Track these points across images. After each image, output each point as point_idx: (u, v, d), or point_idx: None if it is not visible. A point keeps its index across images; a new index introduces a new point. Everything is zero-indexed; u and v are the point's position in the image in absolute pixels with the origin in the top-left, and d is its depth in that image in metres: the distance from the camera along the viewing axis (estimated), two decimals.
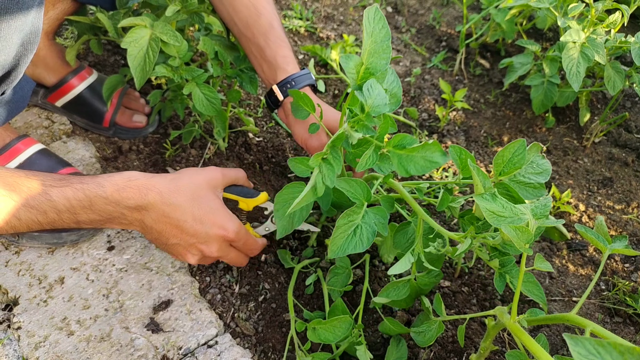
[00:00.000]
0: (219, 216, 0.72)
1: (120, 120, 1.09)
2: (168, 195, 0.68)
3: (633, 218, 1.07)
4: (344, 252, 0.63)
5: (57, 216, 0.63)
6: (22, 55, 0.71)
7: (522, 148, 0.61)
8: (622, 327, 0.89)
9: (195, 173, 0.74)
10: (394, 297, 0.70)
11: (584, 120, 1.25)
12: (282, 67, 0.86)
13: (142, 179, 0.68)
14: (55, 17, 0.98)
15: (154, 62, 0.85)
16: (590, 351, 0.32)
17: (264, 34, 0.87)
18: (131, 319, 0.80)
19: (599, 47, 1.04)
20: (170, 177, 0.71)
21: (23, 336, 0.77)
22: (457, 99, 1.19)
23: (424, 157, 0.63)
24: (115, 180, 0.66)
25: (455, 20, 1.63)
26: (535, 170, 0.64)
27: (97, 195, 0.64)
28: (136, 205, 0.66)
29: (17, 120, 1.10)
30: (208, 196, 0.72)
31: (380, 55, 0.64)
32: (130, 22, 0.83)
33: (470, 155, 0.63)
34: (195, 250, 0.73)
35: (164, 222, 0.69)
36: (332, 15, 1.62)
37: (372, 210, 0.65)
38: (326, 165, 0.64)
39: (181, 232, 0.70)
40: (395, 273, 0.62)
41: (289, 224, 0.70)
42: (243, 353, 0.77)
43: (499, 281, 0.60)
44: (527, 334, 0.52)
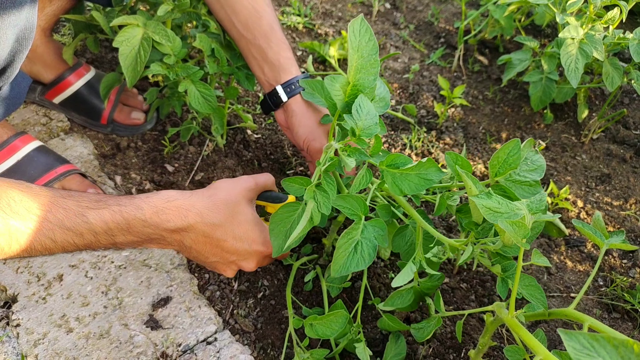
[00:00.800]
0: (257, 232, 0.72)
1: (118, 117, 1.09)
2: (208, 215, 0.67)
3: (631, 214, 1.08)
4: (346, 270, 0.62)
5: (94, 238, 0.62)
6: (17, 51, 0.70)
7: (517, 148, 0.61)
8: (620, 323, 0.89)
9: (232, 187, 0.72)
10: (399, 305, 0.70)
11: (582, 116, 1.25)
12: (285, 69, 0.87)
13: (181, 199, 0.66)
14: (52, 13, 0.97)
15: (145, 62, 0.84)
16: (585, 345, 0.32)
17: (265, 36, 0.87)
18: (130, 315, 0.80)
19: (598, 43, 1.04)
20: (207, 194, 0.69)
21: (22, 333, 0.77)
22: (455, 95, 1.19)
23: (419, 175, 0.62)
24: (153, 202, 0.64)
25: (454, 16, 1.63)
26: (530, 167, 0.63)
27: (135, 218, 0.62)
28: (176, 228, 0.65)
29: (15, 118, 1.09)
30: (246, 211, 0.72)
31: (369, 71, 0.61)
32: (122, 21, 0.83)
33: (466, 161, 0.63)
34: (234, 266, 0.74)
35: (203, 243, 0.68)
36: (330, 11, 1.61)
37: (370, 223, 0.65)
38: (320, 193, 0.63)
39: (221, 250, 0.70)
40: (398, 285, 0.62)
41: (284, 242, 0.69)
42: (242, 349, 0.77)
43: (501, 287, 0.60)
44: (525, 329, 0.52)
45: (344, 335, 0.74)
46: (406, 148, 1.18)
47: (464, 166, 0.62)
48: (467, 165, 0.63)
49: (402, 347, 0.77)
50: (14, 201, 0.56)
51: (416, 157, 1.16)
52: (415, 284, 0.71)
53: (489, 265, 0.61)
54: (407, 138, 1.20)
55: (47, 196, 0.59)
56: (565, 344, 0.32)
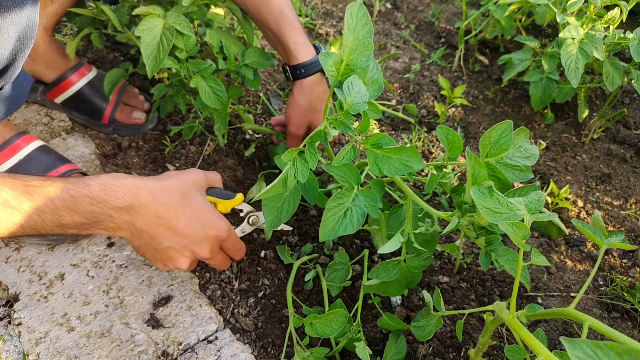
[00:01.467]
0: (210, 216, 0.71)
1: (120, 116, 1.09)
2: (160, 195, 0.66)
3: (631, 214, 1.08)
4: (334, 234, 0.63)
5: (40, 218, 0.60)
6: (19, 50, 0.70)
7: (509, 130, 0.61)
8: (619, 322, 0.89)
9: (181, 174, 0.73)
10: (384, 277, 0.70)
11: (582, 116, 1.25)
12: (293, 55, 0.91)
13: (131, 179, 0.66)
14: (54, 12, 0.98)
15: (167, 51, 0.83)
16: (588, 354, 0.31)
17: (276, 20, 0.91)
18: (131, 314, 0.80)
19: (598, 43, 1.04)
20: (158, 178, 0.70)
21: (24, 332, 0.77)
22: (456, 95, 1.20)
23: (400, 160, 0.63)
24: (102, 180, 0.63)
25: (455, 16, 1.63)
26: (523, 155, 0.64)
27: (82, 194, 0.60)
28: (126, 205, 0.63)
29: (17, 117, 1.10)
30: (197, 196, 0.71)
31: (362, 52, 0.63)
32: (144, 10, 0.83)
33: (457, 136, 0.64)
34: (188, 252, 0.71)
35: (156, 224, 0.66)
36: (331, 11, 1.61)
37: (362, 192, 0.66)
38: (301, 160, 0.64)
39: (174, 233, 0.68)
40: (385, 252, 0.63)
41: (276, 217, 0.71)
42: (243, 348, 0.78)
43: (484, 259, 0.61)
44: (526, 329, 0.52)
45: (344, 334, 0.74)
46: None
47: (455, 141, 0.63)
48: (457, 140, 0.64)
49: (402, 346, 0.77)
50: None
51: None
52: (402, 260, 0.71)
53: (474, 238, 0.61)
54: (408, 138, 1.20)
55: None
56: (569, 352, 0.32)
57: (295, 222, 0.98)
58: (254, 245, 0.93)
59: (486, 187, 0.52)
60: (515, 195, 0.61)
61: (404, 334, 0.80)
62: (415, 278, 0.74)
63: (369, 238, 0.97)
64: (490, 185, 0.53)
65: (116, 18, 0.91)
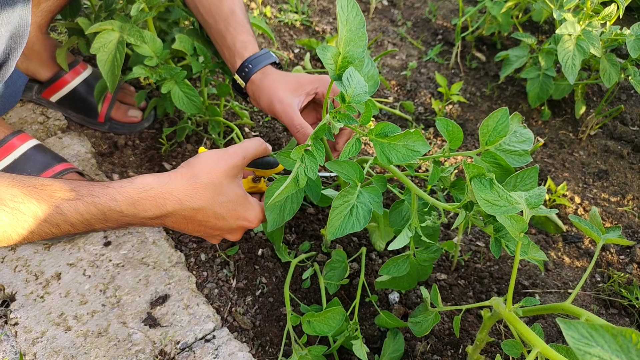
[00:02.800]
0: (241, 209, 0.70)
1: (116, 115, 1.08)
2: (188, 201, 0.65)
3: (628, 210, 1.08)
4: (342, 232, 0.63)
5: (72, 228, 0.61)
6: (11, 49, 0.70)
7: (506, 116, 0.62)
8: (617, 319, 0.89)
9: (215, 165, 0.68)
10: (394, 273, 0.70)
11: (579, 113, 1.25)
12: (240, 53, 0.86)
13: (157, 188, 0.64)
14: (48, 9, 0.97)
15: (121, 65, 0.85)
16: (584, 335, 0.32)
17: (225, 20, 0.87)
18: (128, 314, 0.80)
19: (595, 39, 1.04)
20: (187, 177, 0.66)
21: (20, 332, 0.77)
22: (453, 92, 1.20)
23: (406, 146, 0.63)
24: (128, 194, 0.63)
25: (451, 13, 1.63)
26: (519, 139, 0.65)
27: (110, 209, 0.62)
28: (154, 216, 0.64)
29: (12, 116, 1.09)
30: (229, 191, 0.69)
31: (357, 43, 0.64)
32: (97, 27, 0.83)
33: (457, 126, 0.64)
34: (219, 238, 0.74)
35: (185, 223, 0.68)
36: (328, 8, 1.61)
37: (366, 189, 0.66)
38: (308, 157, 0.64)
39: (205, 227, 0.70)
40: (394, 248, 0.62)
41: (279, 216, 0.70)
42: (240, 347, 0.77)
43: (494, 246, 0.61)
44: (522, 322, 0.52)
45: (341, 332, 0.74)
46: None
47: (455, 132, 0.64)
48: (458, 131, 0.65)
49: (400, 343, 0.77)
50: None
51: None
52: (411, 254, 0.71)
53: (482, 226, 0.61)
54: None
55: (18, 187, 0.58)
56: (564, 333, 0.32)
57: (293, 220, 0.98)
58: (252, 244, 0.93)
59: (487, 179, 0.52)
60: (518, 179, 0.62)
61: (402, 331, 0.80)
62: (426, 271, 0.74)
63: (367, 236, 0.97)
64: (492, 177, 0.53)
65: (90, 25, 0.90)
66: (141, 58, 0.90)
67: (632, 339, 0.31)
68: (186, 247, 0.92)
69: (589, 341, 0.32)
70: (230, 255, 0.91)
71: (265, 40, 1.43)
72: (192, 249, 0.91)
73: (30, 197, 0.58)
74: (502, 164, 0.65)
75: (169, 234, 0.93)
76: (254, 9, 1.52)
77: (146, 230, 0.92)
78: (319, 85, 0.85)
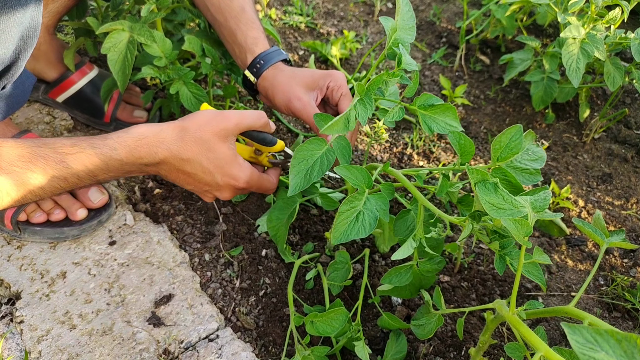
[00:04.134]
0: (227, 167, 0.73)
1: (122, 115, 1.09)
2: (177, 151, 0.70)
3: (632, 214, 1.08)
4: (347, 237, 0.64)
5: (79, 180, 0.66)
6: (21, 49, 0.71)
7: (519, 134, 0.62)
8: (620, 322, 0.89)
9: (206, 123, 0.72)
10: (396, 282, 0.70)
11: (583, 116, 1.25)
12: (250, 49, 0.87)
13: (150, 136, 0.69)
14: (56, 11, 0.98)
15: (132, 65, 0.86)
16: (588, 339, 0.32)
17: (235, 17, 0.87)
18: (133, 313, 0.81)
19: (599, 43, 1.04)
20: (178, 129, 0.71)
21: (25, 330, 0.78)
22: (457, 95, 1.20)
23: (445, 121, 0.70)
24: (126, 142, 0.67)
25: (456, 16, 1.63)
26: (531, 157, 0.65)
27: (111, 158, 0.66)
28: (149, 162, 0.69)
29: (19, 116, 1.10)
30: (217, 148, 0.72)
31: (407, 32, 0.76)
32: (108, 27, 0.84)
33: (469, 140, 0.65)
34: (209, 194, 0.77)
35: (176, 173, 0.72)
36: (333, 11, 1.61)
37: (373, 196, 0.66)
38: (361, 106, 0.68)
39: (194, 180, 0.73)
40: (398, 258, 0.63)
41: (304, 180, 0.69)
42: (244, 347, 0.78)
43: (499, 263, 0.61)
44: (526, 326, 0.52)
45: (344, 333, 0.74)
46: (408, 147, 1.18)
47: (467, 146, 0.64)
48: (469, 145, 0.65)
49: (403, 345, 0.77)
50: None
51: (418, 157, 1.17)
52: (415, 264, 0.71)
53: (487, 242, 0.62)
54: (409, 137, 1.20)
55: (24, 147, 0.62)
56: (569, 337, 0.32)
57: (296, 221, 0.98)
58: (255, 245, 0.94)
59: (492, 183, 0.52)
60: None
61: (404, 332, 0.80)
62: (429, 281, 0.75)
63: (370, 237, 0.97)
64: (496, 182, 0.53)
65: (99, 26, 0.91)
66: (149, 58, 0.90)
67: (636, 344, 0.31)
68: (190, 247, 0.92)
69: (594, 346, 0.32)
70: (234, 255, 0.91)
71: (271, 42, 1.44)
72: (196, 249, 0.92)
73: (37, 155, 0.62)
74: (512, 181, 0.64)
75: (173, 234, 0.94)
76: (259, 10, 1.53)
77: (151, 230, 0.93)
78: (330, 80, 0.85)
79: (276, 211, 0.85)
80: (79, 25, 1.00)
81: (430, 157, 1.17)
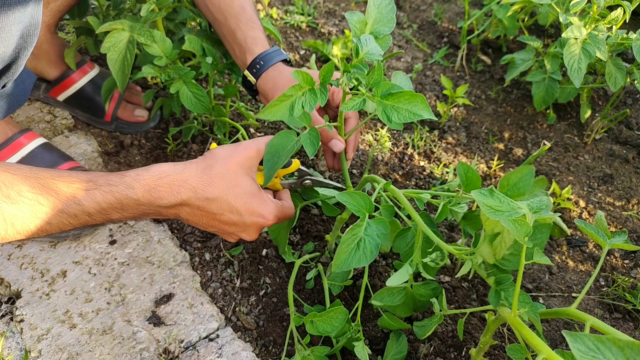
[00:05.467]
0: (256, 204, 0.69)
1: (122, 114, 1.09)
2: (202, 190, 0.65)
3: (633, 215, 1.08)
4: (347, 266, 0.62)
5: (89, 218, 0.62)
6: (22, 47, 0.71)
7: (530, 175, 0.61)
8: (621, 323, 0.89)
9: (229, 156, 0.68)
10: (388, 302, 0.70)
11: (585, 116, 1.25)
12: (250, 49, 0.86)
13: (173, 175, 0.64)
14: (57, 9, 0.98)
15: (131, 65, 0.85)
16: (590, 347, 0.32)
17: (236, 17, 0.87)
18: (133, 312, 0.80)
19: (601, 43, 1.04)
20: (202, 167, 0.66)
21: (26, 329, 0.78)
22: (458, 95, 1.20)
23: (409, 110, 0.64)
24: (145, 181, 0.63)
25: (457, 16, 1.63)
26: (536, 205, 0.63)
27: (127, 197, 0.62)
28: (170, 205, 0.64)
29: (19, 115, 1.10)
30: (244, 183, 0.68)
31: (385, 24, 0.70)
32: (107, 27, 0.84)
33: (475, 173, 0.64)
34: (234, 236, 0.73)
35: (199, 216, 0.67)
36: (334, 10, 1.61)
37: (373, 222, 0.65)
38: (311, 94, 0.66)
39: (218, 222, 0.69)
40: (393, 284, 0.62)
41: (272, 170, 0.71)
42: (244, 346, 0.78)
43: (493, 297, 0.60)
44: (527, 327, 0.52)
45: (344, 334, 0.74)
46: (409, 147, 1.18)
47: (473, 179, 0.63)
48: (475, 178, 0.64)
49: (404, 345, 0.77)
50: (5, 185, 0.55)
51: (419, 157, 1.16)
52: (409, 286, 0.71)
53: (485, 276, 0.61)
54: (410, 137, 1.20)
55: (36, 178, 0.58)
56: (571, 345, 0.32)
57: (297, 221, 0.98)
58: (256, 244, 0.93)
59: (487, 189, 0.52)
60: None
61: (405, 333, 0.80)
62: (424, 305, 0.75)
63: None
64: (491, 187, 0.53)
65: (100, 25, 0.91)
66: (149, 58, 0.90)
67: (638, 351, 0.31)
68: (191, 247, 0.92)
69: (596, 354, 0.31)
70: (235, 255, 0.91)
71: (271, 42, 1.43)
72: (196, 249, 0.92)
73: (48, 188, 0.58)
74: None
75: (174, 233, 0.93)
76: (261, 10, 1.53)
77: (151, 230, 0.93)
78: None
79: None
80: (80, 24, 1.00)
81: (431, 157, 1.17)
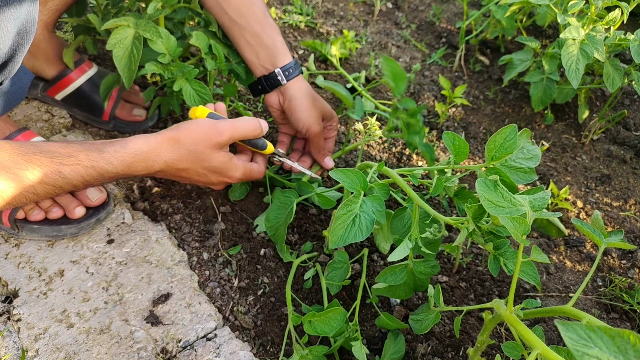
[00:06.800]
0: (222, 171, 0.80)
1: (120, 113, 1.09)
2: (172, 163, 0.75)
3: (630, 215, 1.08)
4: (344, 241, 0.64)
5: (73, 188, 0.69)
6: (18, 45, 0.70)
7: (514, 133, 0.62)
8: (618, 323, 0.89)
9: (201, 137, 0.76)
10: (391, 281, 0.71)
11: (582, 117, 1.25)
12: (282, 53, 0.91)
13: (147, 151, 0.73)
14: (55, 8, 0.98)
15: (138, 61, 0.86)
16: (582, 336, 0.32)
17: (260, 22, 0.90)
18: (131, 311, 0.80)
19: (599, 44, 1.04)
20: (172, 142, 0.75)
21: (23, 328, 0.77)
22: (456, 95, 1.20)
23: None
24: (123, 158, 0.71)
25: (455, 16, 1.63)
26: (526, 156, 0.66)
27: (107, 172, 0.70)
28: (145, 174, 0.75)
29: (17, 114, 1.10)
30: (211, 159, 0.78)
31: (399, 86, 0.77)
32: (113, 23, 0.84)
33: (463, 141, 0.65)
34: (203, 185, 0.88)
35: (173, 177, 0.80)
36: (332, 10, 1.61)
37: (369, 199, 0.66)
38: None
39: (189, 180, 0.82)
40: (394, 260, 0.63)
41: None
42: (242, 346, 0.78)
43: (493, 264, 0.61)
44: (523, 324, 0.52)
45: (341, 333, 0.74)
46: (406, 146, 1.18)
47: (461, 146, 0.64)
48: (464, 145, 0.65)
49: (401, 345, 0.77)
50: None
51: (417, 156, 1.17)
52: (409, 263, 0.71)
53: (482, 243, 0.61)
54: None
55: (19, 153, 0.64)
56: (562, 334, 0.33)
57: (295, 220, 0.98)
58: (254, 244, 0.94)
59: (491, 180, 0.52)
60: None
61: (403, 332, 0.80)
62: (423, 283, 0.75)
63: (369, 237, 0.97)
64: (496, 179, 0.53)
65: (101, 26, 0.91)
66: (150, 56, 0.90)
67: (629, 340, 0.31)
68: (189, 246, 0.92)
69: (587, 342, 0.32)
70: (233, 254, 0.91)
71: None
72: (194, 248, 0.92)
73: (33, 163, 0.64)
74: (506, 181, 0.64)
75: (171, 233, 0.93)
76: None
77: (149, 229, 0.92)
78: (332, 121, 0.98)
79: (274, 211, 0.86)
80: (78, 22, 1.00)
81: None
